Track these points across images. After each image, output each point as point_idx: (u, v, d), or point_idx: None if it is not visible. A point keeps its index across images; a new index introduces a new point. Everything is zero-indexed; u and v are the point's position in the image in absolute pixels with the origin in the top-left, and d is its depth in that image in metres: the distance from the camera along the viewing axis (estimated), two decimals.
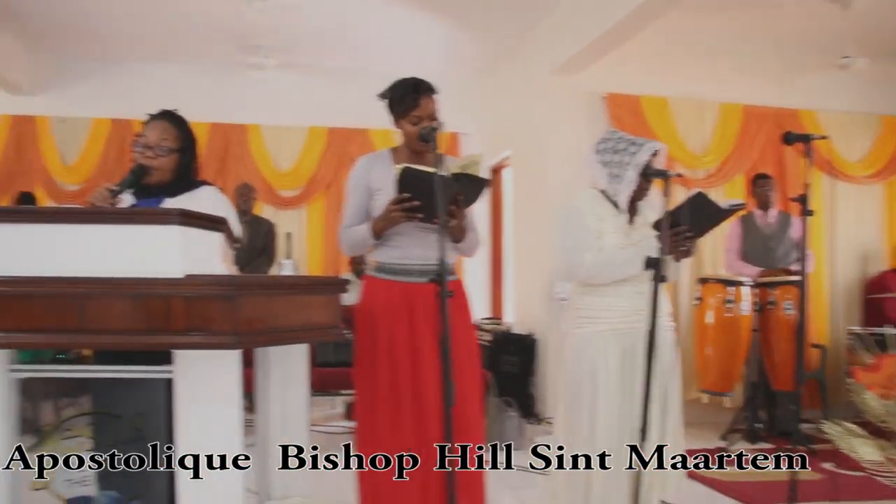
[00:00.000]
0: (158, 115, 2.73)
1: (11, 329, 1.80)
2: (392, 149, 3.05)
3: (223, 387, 2.01)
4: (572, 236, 3.02)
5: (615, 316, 3.00)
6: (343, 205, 3.10)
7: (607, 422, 2.94)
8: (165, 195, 2.64)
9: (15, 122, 7.61)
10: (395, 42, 7.05)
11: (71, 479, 2.22)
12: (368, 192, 2.94)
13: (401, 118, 2.91)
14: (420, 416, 2.80)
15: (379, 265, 2.97)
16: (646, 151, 2.96)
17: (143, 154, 2.63)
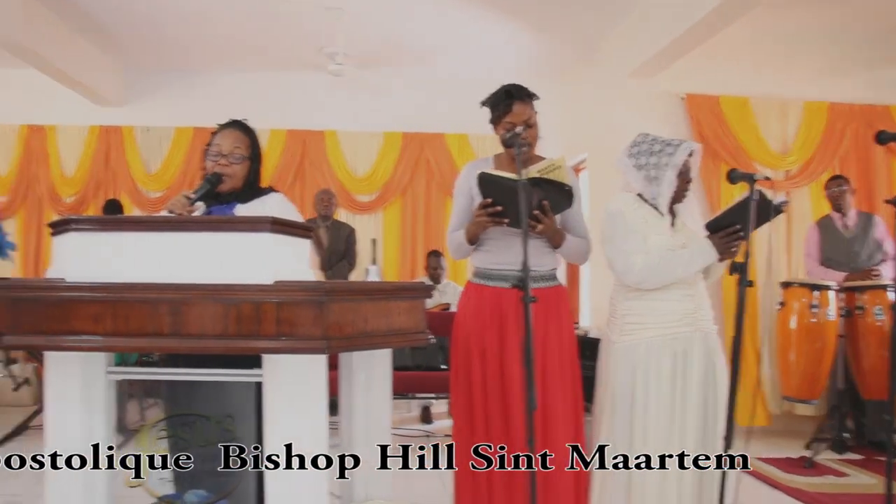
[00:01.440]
0: (229, 124, 2.79)
1: (110, 333, 1.86)
2: (495, 155, 3.09)
3: (310, 390, 2.04)
4: (621, 240, 2.95)
5: (664, 321, 2.93)
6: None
7: (658, 431, 2.87)
8: (238, 202, 2.70)
9: (103, 133, 7.91)
10: (471, 47, 7.07)
11: (163, 478, 2.29)
12: (470, 198, 2.99)
13: (496, 124, 2.94)
14: (509, 420, 2.80)
15: (475, 270, 3.04)
16: (683, 152, 2.90)
17: (218, 162, 2.69)
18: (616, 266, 2.95)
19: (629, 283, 2.95)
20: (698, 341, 2.94)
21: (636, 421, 2.88)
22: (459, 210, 3.06)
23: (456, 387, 3.00)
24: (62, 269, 1.96)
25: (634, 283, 2.93)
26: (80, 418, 2.09)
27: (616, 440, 2.94)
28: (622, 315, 2.99)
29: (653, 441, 2.86)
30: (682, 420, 2.87)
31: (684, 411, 2.87)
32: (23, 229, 7.94)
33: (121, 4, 6.17)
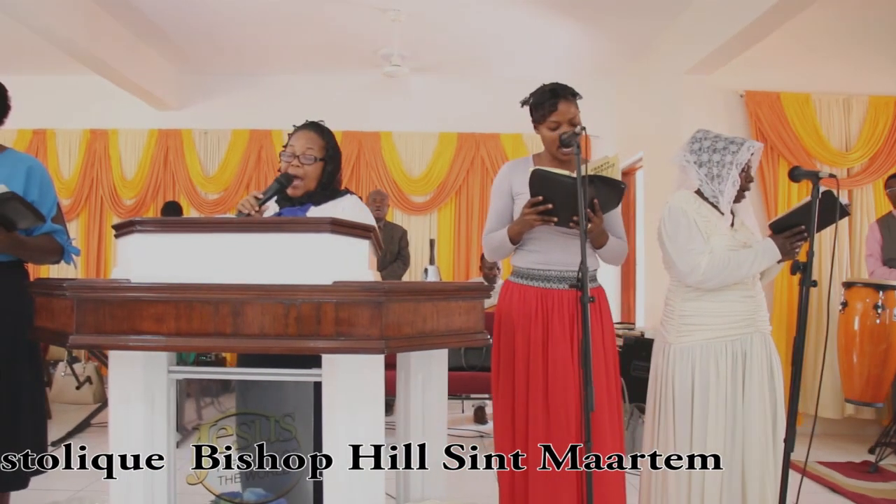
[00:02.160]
0: (304, 126, 2.80)
1: (172, 333, 1.88)
2: (535, 155, 3.07)
3: (368, 389, 2.05)
4: (686, 239, 2.90)
5: (723, 322, 2.88)
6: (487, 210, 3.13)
7: (717, 433, 2.82)
8: (311, 203, 2.72)
9: (161, 136, 8.07)
10: (526, 46, 7.04)
11: (223, 476, 2.32)
12: (510, 197, 2.97)
13: (540, 123, 2.91)
14: (554, 422, 2.78)
15: (517, 270, 2.98)
16: (746, 150, 2.85)
17: (290, 163, 2.71)
18: (679, 265, 2.90)
19: (691, 283, 2.90)
20: (758, 343, 2.89)
21: (696, 423, 2.84)
22: (497, 210, 3.01)
23: (497, 387, 2.98)
24: (127, 270, 2.00)
25: (696, 283, 2.88)
26: (143, 416, 2.13)
27: (676, 442, 2.90)
28: (679, 316, 2.95)
29: (712, 443, 2.81)
30: (742, 422, 2.82)
31: (745, 413, 2.82)
32: (85, 231, 8.14)
33: (180, 11, 6.29)
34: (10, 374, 2.73)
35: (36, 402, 2.88)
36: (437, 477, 2.54)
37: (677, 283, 3.00)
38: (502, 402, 2.94)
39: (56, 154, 8.17)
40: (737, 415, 2.83)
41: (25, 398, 2.80)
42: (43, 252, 2.81)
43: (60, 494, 3.74)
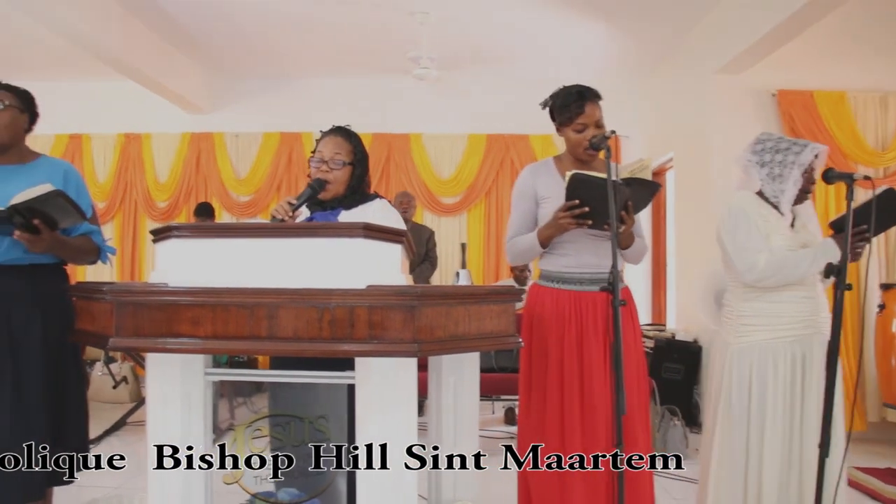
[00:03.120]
0: (331, 131, 2.82)
1: (209, 336, 1.91)
2: (555, 157, 3.05)
3: (402, 392, 2.07)
4: (744, 238, 2.90)
5: (782, 323, 2.87)
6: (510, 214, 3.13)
7: (773, 437, 2.81)
8: (341, 207, 2.74)
9: (194, 139, 8.17)
10: (553, 47, 7.04)
11: (258, 476, 2.35)
12: (535, 201, 2.95)
13: (565, 126, 2.89)
14: (588, 424, 2.78)
15: (547, 273, 2.96)
16: (810, 151, 2.83)
17: (319, 168, 2.73)
18: (737, 264, 2.91)
19: (749, 282, 2.91)
20: (818, 345, 2.88)
21: (753, 424, 2.85)
22: (521, 214, 2.97)
23: (526, 389, 2.97)
24: (164, 275, 2.04)
25: (754, 282, 2.89)
26: (180, 417, 2.16)
27: (732, 444, 2.91)
28: (738, 316, 2.96)
29: (770, 445, 2.81)
30: (801, 425, 2.80)
31: (804, 416, 2.81)
32: (120, 233, 8.26)
33: (212, 16, 6.36)
34: (56, 374, 2.80)
35: (79, 402, 2.96)
36: (470, 479, 2.55)
37: (736, 284, 3.01)
38: (533, 404, 2.94)
39: (91, 158, 8.30)
40: (794, 417, 2.82)
41: (70, 397, 2.87)
42: (82, 252, 2.87)
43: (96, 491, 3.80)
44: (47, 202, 2.50)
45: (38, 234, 2.59)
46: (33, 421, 2.71)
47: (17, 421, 2.68)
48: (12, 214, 2.51)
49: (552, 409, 2.84)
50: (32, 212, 2.53)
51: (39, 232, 2.58)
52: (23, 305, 2.77)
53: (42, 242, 2.61)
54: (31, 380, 2.73)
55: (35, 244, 2.60)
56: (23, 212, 2.51)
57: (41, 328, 2.78)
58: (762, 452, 2.83)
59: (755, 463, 2.87)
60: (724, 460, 2.96)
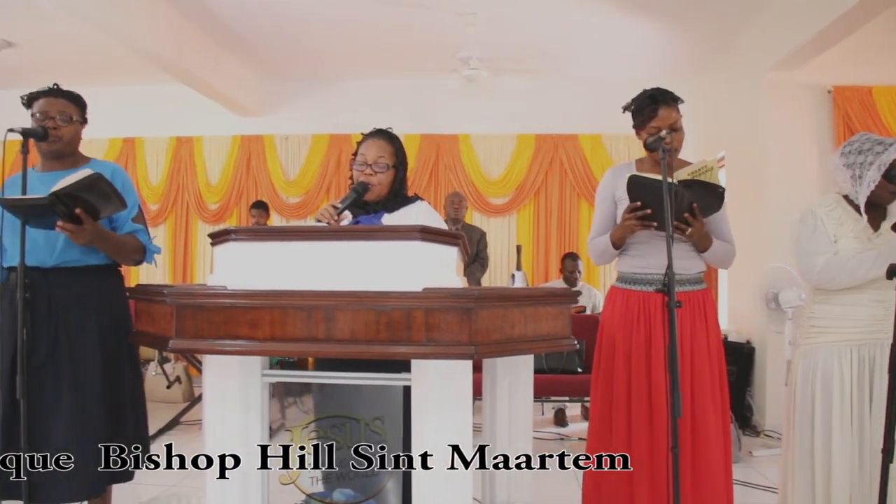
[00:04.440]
0: (374, 133, 2.84)
1: (267, 339, 1.94)
2: (637, 160, 3.06)
3: (457, 394, 2.07)
4: (807, 240, 2.88)
5: (851, 326, 2.82)
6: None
7: (842, 440, 2.75)
8: (384, 210, 2.75)
9: (244, 142, 8.27)
10: (603, 47, 6.99)
11: (314, 476, 2.38)
12: (613, 203, 2.99)
13: (641, 129, 2.91)
14: (656, 426, 2.76)
15: (621, 275, 3.02)
16: (894, 151, 2.75)
17: (363, 171, 2.75)
18: (800, 265, 2.92)
19: (811, 284, 2.91)
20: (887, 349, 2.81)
21: (818, 427, 2.80)
22: (601, 216, 3.04)
23: (597, 390, 2.99)
24: (223, 278, 2.07)
25: (815, 284, 2.88)
26: (238, 418, 2.19)
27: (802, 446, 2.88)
28: (808, 318, 2.95)
29: (837, 449, 2.77)
30: (871, 428, 2.75)
31: (873, 419, 2.75)
32: (172, 235, 8.40)
33: (262, 20, 6.44)
34: (113, 374, 2.85)
35: (136, 400, 3.01)
36: (523, 480, 2.55)
37: (808, 286, 3.00)
38: (601, 404, 2.94)
39: (144, 161, 8.46)
40: (864, 420, 2.77)
41: (127, 396, 2.92)
42: (127, 248, 2.88)
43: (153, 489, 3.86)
44: (87, 187, 2.49)
45: (80, 223, 2.58)
46: (92, 420, 2.75)
47: (76, 421, 2.73)
48: (54, 202, 2.50)
49: (619, 411, 2.86)
50: (74, 200, 2.53)
51: (81, 222, 2.58)
52: (79, 306, 2.82)
53: (84, 232, 2.61)
54: (89, 380, 2.78)
55: (78, 234, 2.60)
56: (64, 199, 2.51)
57: (97, 329, 2.83)
58: (829, 457, 2.78)
59: (822, 468, 2.82)
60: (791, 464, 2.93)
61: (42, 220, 2.58)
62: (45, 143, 2.82)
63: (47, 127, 2.80)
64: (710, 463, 2.75)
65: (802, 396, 2.88)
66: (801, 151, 5.94)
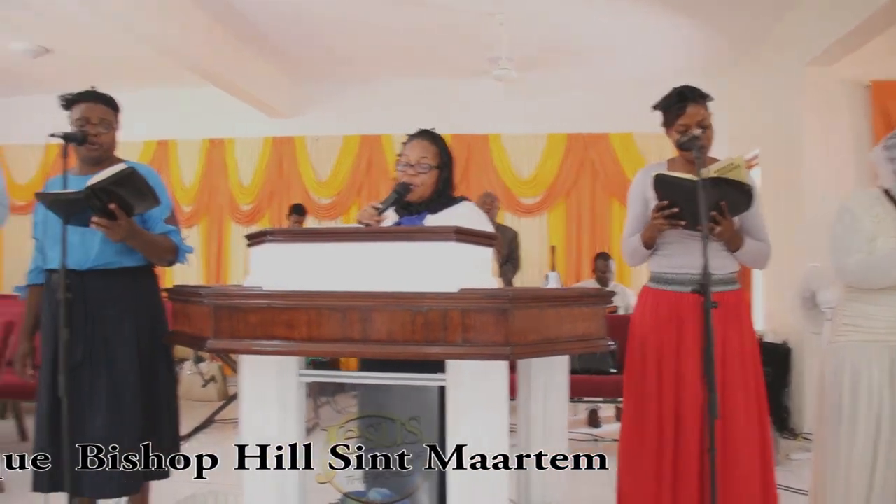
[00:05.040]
0: (417, 134, 2.83)
1: (304, 339, 1.95)
2: (669, 159, 3.03)
3: (492, 394, 2.07)
4: (841, 238, 2.82)
5: (882, 326, 2.76)
6: None
7: (867, 441, 2.71)
8: (428, 211, 2.75)
9: (276, 144, 8.34)
10: (634, 45, 6.95)
11: (350, 476, 2.39)
12: (645, 203, 2.96)
13: (669, 127, 2.89)
14: (685, 428, 2.74)
15: (652, 275, 3.00)
16: None
17: (405, 172, 2.75)
18: (833, 263, 2.86)
19: (845, 282, 2.86)
20: None
21: (844, 427, 2.76)
22: (634, 216, 3.02)
23: (628, 391, 2.97)
24: (259, 279, 2.09)
25: (849, 283, 2.83)
26: (275, 418, 2.20)
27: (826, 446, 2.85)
28: (841, 315, 2.91)
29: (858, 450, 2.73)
30: None
31: None
32: (205, 236, 8.49)
33: (291, 22, 6.49)
34: (148, 374, 2.88)
35: (171, 400, 3.04)
36: (558, 481, 2.54)
37: (842, 284, 2.95)
38: (632, 405, 2.92)
39: (178, 163, 8.56)
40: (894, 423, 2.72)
41: (162, 396, 2.95)
42: (160, 248, 2.90)
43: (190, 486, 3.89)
44: (121, 181, 2.51)
45: (115, 219, 2.60)
46: (127, 419, 2.79)
47: (111, 420, 2.76)
48: (89, 196, 2.53)
49: (651, 412, 2.84)
50: (109, 195, 2.55)
51: (116, 218, 2.60)
52: (114, 308, 2.85)
53: (119, 228, 2.62)
54: (125, 380, 2.81)
55: (112, 230, 2.62)
56: (99, 194, 2.53)
57: (133, 330, 2.86)
58: (851, 457, 2.74)
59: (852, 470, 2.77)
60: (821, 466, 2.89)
61: (79, 217, 2.61)
62: (85, 149, 2.85)
63: (87, 132, 2.84)
64: (739, 467, 2.72)
65: (831, 396, 2.83)
66: (837, 148, 5.85)
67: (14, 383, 4.73)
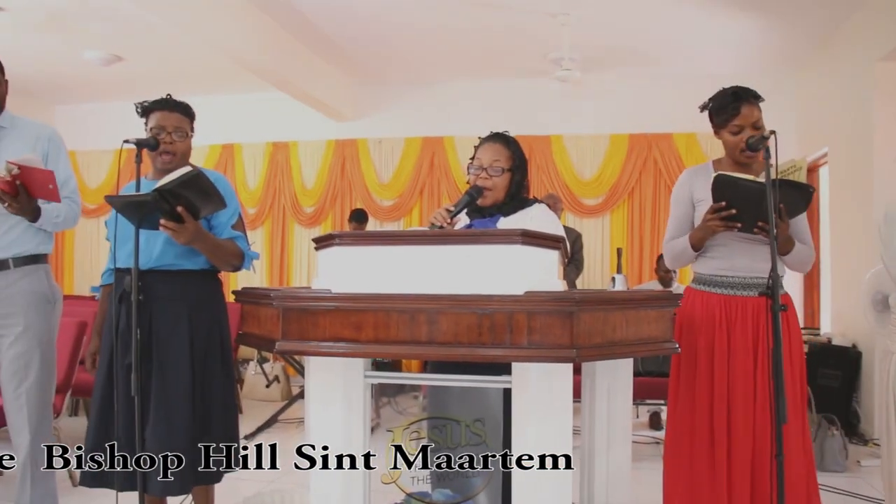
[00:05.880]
0: (490, 137, 2.83)
1: (371, 341, 1.98)
2: (715, 160, 2.98)
3: (558, 397, 2.08)
4: (889, 240, 2.76)
5: None
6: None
7: None
8: (500, 214, 2.75)
9: (338, 146, 8.44)
10: (697, 43, 6.86)
11: (415, 476, 2.41)
12: (690, 205, 2.92)
13: (721, 128, 2.83)
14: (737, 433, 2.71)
15: (699, 276, 2.93)
16: None
17: (478, 175, 2.76)
18: (888, 269, 2.82)
19: None
20: None
21: None
22: (677, 218, 2.98)
23: (675, 394, 2.93)
24: (327, 281, 2.12)
25: None
26: (341, 418, 2.24)
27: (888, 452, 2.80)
28: (894, 323, 2.81)
29: None
30: None
31: None
32: (269, 238, 8.64)
33: (354, 24, 6.56)
34: (202, 376, 2.90)
35: (228, 404, 3.03)
36: (622, 484, 2.53)
37: None
38: (681, 410, 2.88)
39: (242, 166, 8.73)
40: None
41: (218, 399, 2.96)
42: (226, 252, 2.92)
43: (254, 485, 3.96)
44: (187, 183, 2.56)
45: (182, 222, 2.65)
46: (177, 421, 2.80)
47: (161, 421, 2.78)
48: (157, 198, 2.57)
49: (701, 417, 2.79)
50: (176, 198, 2.59)
51: (183, 220, 2.64)
52: (170, 309, 2.87)
53: (186, 231, 2.66)
54: (176, 382, 2.83)
55: (179, 232, 2.66)
56: (167, 196, 2.58)
57: (188, 332, 2.88)
58: None
59: None
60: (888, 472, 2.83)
61: (149, 220, 2.67)
62: (160, 158, 2.92)
63: (161, 140, 2.91)
64: (791, 473, 2.67)
65: (888, 400, 2.77)
66: None
67: (87, 382, 4.91)
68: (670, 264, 3.03)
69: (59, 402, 4.15)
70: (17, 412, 3.09)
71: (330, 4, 6.12)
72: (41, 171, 2.86)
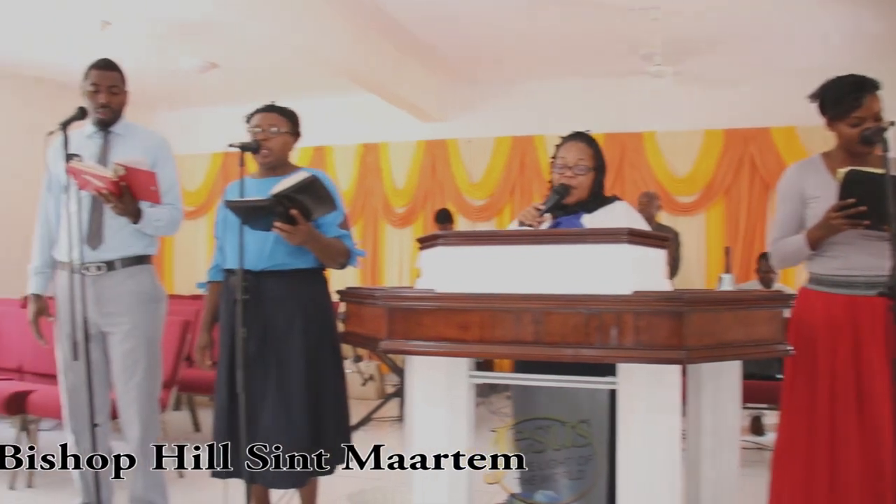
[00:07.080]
0: (573, 136, 2.83)
1: (476, 341, 1.99)
2: (823, 154, 2.84)
3: (665, 398, 2.04)
4: None
5: None
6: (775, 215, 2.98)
7: None
8: (583, 211, 2.74)
9: (428, 147, 8.50)
10: (797, 33, 6.64)
11: (519, 477, 2.41)
12: (802, 201, 2.79)
13: (838, 120, 2.69)
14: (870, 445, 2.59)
15: (816, 277, 2.80)
16: None
17: (563, 174, 2.75)
18: None
19: None
20: None
21: None
22: (786, 215, 2.84)
23: (791, 400, 2.81)
24: (431, 281, 2.14)
25: None
26: (445, 419, 2.25)
27: None
28: None
29: None
30: None
31: None
32: (361, 239, 8.76)
33: (443, 25, 6.61)
34: (315, 373, 3.00)
35: (339, 399, 3.14)
36: (730, 488, 2.46)
37: None
38: (796, 416, 2.78)
39: (334, 168, 8.87)
40: None
41: (330, 395, 3.06)
42: (334, 251, 3.01)
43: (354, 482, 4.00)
44: (304, 189, 2.64)
45: (296, 224, 2.72)
46: (294, 416, 2.91)
47: (279, 416, 2.90)
48: (274, 203, 2.66)
49: (821, 425, 2.67)
50: (291, 201, 2.67)
51: (297, 223, 2.72)
52: (286, 308, 2.98)
53: (299, 233, 2.74)
54: (293, 379, 2.94)
55: (293, 235, 2.74)
56: (283, 200, 2.66)
57: (302, 330, 2.98)
58: None
59: None
60: None
61: (260, 222, 2.77)
62: (260, 156, 3.03)
63: (259, 139, 3.01)
64: None
65: None
66: None
67: (192, 378, 5.08)
68: (778, 265, 2.91)
69: (165, 396, 4.32)
70: (128, 406, 3.23)
71: (419, 7, 6.18)
72: (144, 172, 2.98)
